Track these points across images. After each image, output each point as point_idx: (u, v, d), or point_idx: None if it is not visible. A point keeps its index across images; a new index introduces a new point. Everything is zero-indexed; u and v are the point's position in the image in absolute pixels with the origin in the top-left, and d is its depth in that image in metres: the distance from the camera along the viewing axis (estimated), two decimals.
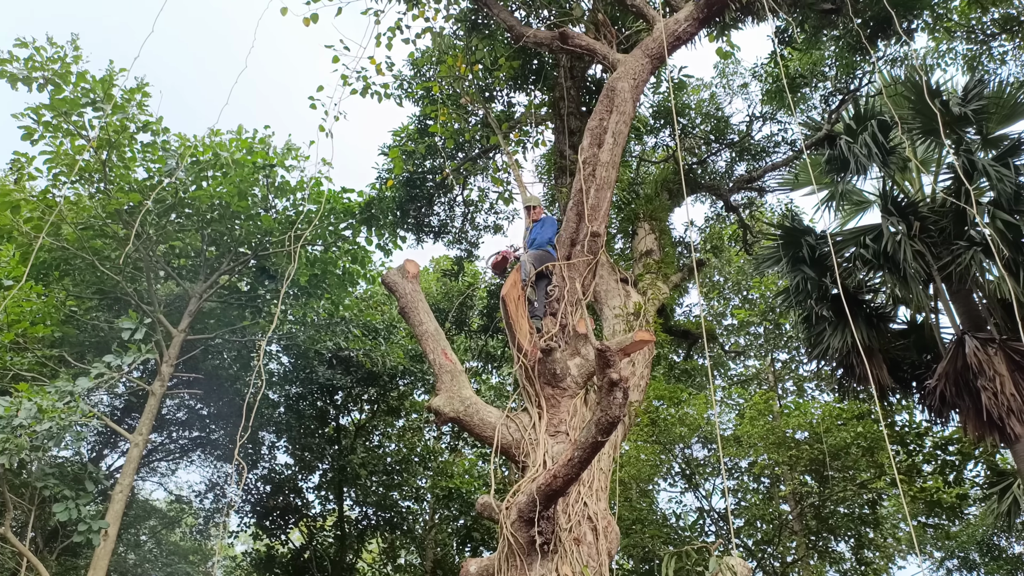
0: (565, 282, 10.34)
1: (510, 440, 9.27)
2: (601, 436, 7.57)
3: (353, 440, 23.31)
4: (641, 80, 11.16)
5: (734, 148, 17.27)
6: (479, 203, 17.87)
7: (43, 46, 15.19)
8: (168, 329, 16.10)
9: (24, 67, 15.14)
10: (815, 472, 19.14)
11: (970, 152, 14.60)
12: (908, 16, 14.73)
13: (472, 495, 19.89)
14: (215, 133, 16.83)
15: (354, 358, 20.70)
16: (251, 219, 17.01)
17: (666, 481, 21.73)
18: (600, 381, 7.44)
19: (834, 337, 15.73)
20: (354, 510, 24.03)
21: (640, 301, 11.41)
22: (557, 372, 9.50)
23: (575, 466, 7.88)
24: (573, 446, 7.85)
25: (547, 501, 8.21)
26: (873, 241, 15.14)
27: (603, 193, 10.60)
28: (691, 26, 11.45)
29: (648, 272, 12.11)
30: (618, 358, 8.17)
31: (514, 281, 9.74)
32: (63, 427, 11.70)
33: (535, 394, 9.60)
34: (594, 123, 10.94)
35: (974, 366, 14.36)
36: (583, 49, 11.83)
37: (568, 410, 9.56)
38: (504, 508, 8.47)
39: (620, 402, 7.41)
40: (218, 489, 23.76)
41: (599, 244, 10.57)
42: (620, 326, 11.30)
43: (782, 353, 23.24)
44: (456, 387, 9.57)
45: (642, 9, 11.75)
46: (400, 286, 10.29)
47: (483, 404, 9.52)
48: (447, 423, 9.58)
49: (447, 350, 9.90)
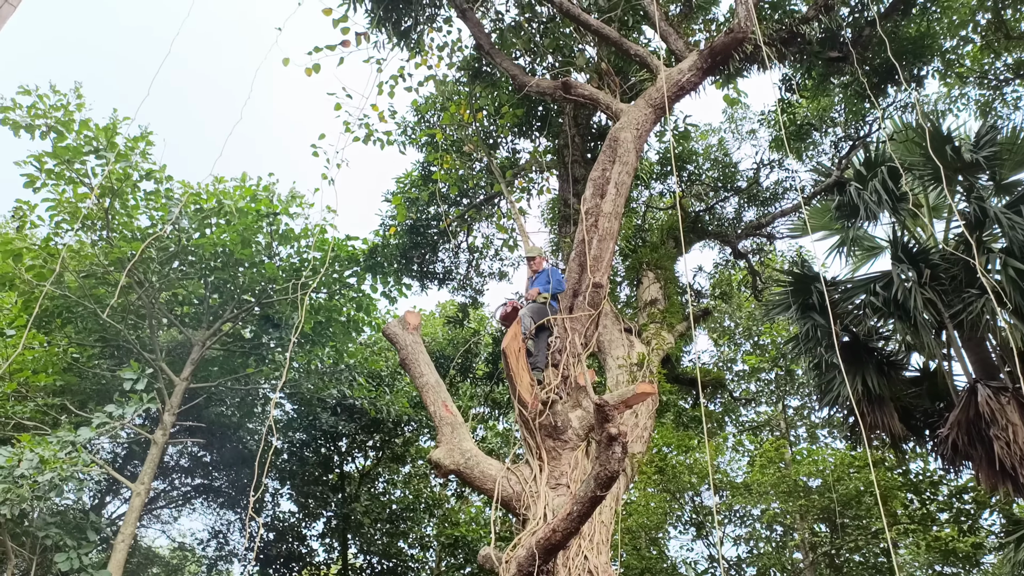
0: (567, 333, 10.46)
1: (511, 493, 9.35)
2: (600, 490, 7.67)
3: (357, 488, 23.33)
4: (644, 130, 11.34)
5: (742, 195, 17.43)
6: (483, 250, 18.07)
7: (46, 94, 15.56)
8: (171, 378, 16.26)
9: (27, 114, 15.49)
10: (828, 520, 19.05)
11: (981, 199, 14.68)
12: (918, 63, 14.92)
13: (478, 543, 19.84)
14: (219, 180, 17.13)
15: (358, 406, 20.81)
16: (255, 266, 17.23)
17: (675, 529, 21.64)
18: (599, 436, 7.57)
19: (844, 384, 15.73)
20: (358, 558, 23.96)
21: (644, 351, 11.52)
22: (558, 424, 9.60)
23: (575, 520, 7.97)
24: (572, 500, 7.95)
25: (546, 555, 8.30)
26: (883, 288, 15.17)
27: (606, 244, 10.74)
28: (695, 76, 11.65)
29: (652, 321, 12.21)
30: (616, 413, 8.29)
31: (514, 333, 9.87)
32: (65, 477, 11.82)
33: (536, 446, 9.69)
34: (596, 173, 11.12)
35: (986, 415, 14.29)
36: (586, 99, 12.05)
37: (569, 462, 9.64)
38: (504, 562, 8.55)
39: (619, 457, 7.52)
40: (221, 536, 23.78)
41: (601, 295, 10.69)
42: (623, 376, 11.40)
43: (794, 399, 23.23)
44: (457, 439, 9.67)
45: (645, 58, 11.97)
46: (401, 338, 10.44)
47: (483, 456, 9.61)
48: (448, 475, 9.67)
49: (447, 402, 10.02)
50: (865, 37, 13.63)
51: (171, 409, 15.78)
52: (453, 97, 14.69)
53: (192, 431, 18.00)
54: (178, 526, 24.41)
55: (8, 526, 13.29)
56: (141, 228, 16.32)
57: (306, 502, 23.39)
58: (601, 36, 12.24)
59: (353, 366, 19.99)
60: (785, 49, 12.51)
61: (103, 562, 13.73)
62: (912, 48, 14.67)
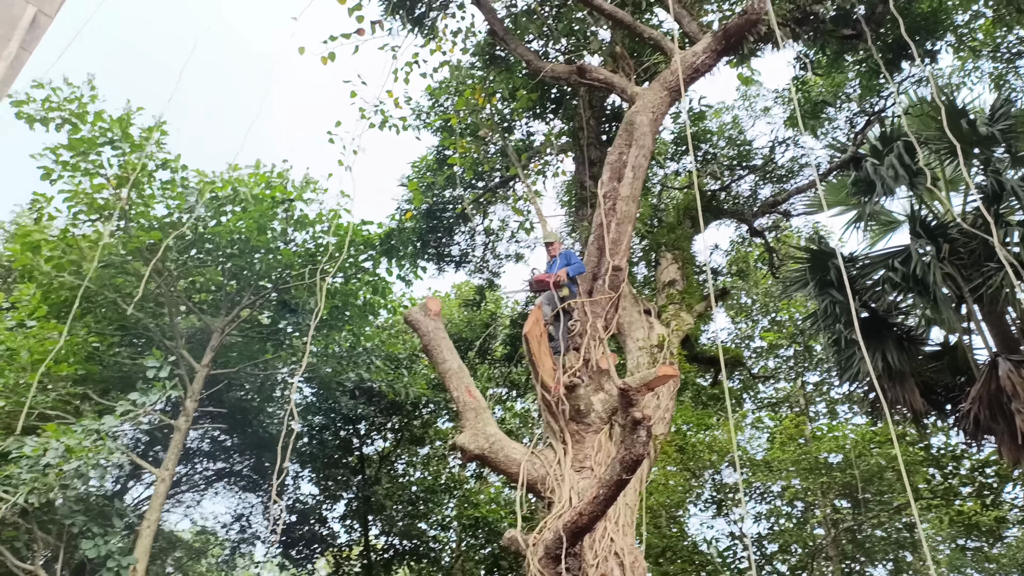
0: (587, 316, 10.69)
1: (535, 476, 9.64)
2: (626, 474, 7.94)
3: (377, 470, 23.73)
4: (660, 113, 11.51)
5: (758, 172, 17.56)
6: (499, 232, 18.29)
7: (59, 87, 15.82)
8: (191, 364, 16.61)
9: (41, 108, 15.75)
10: (849, 496, 19.31)
11: (998, 173, 14.80)
12: (931, 38, 15.00)
13: (499, 523, 20.22)
14: (233, 168, 17.38)
15: (377, 388, 21.15)
16: (271, 252, 17.52)
17: (696, 507, 21.96)
18: (624, 420, 7.82)
19: (864, 361, 15.92)
20: (380, 539, 24.41)
21: (664, 333, 11.76)
22: (581, 408, 9.87)
23: (601, 503, 8.25)
24: (598, 484, 8.22)
25: (573, 538, 8.58)
26: (902, 264, 15.31)
27: (624, 227, 10.94)
28: (709, 58, 11.79)
29: (672, 303, 12.43)
30: (641, 396, 8.53)
31: (536, 319, 10.11)
32: (91, 466, 12.19)
33: (560, 430, 9.97)
34: (613, 157, 11.31)
35: (1008, 389, 14.43)
36: (601, 83, 12.21)
37: (593, 445, 9.92)
38: (531, 545, 8.83)
39: (644, 440, 7.78)
40: (244, 519, 24.27)
41: (621, 278, 10.90)
42: (644, 359, 11.65)
43: (812, 375, 23.45)
44: (480, 424, 9.95)
45: (659, 42, 12.11)
46: (422, 324, 10.69)
47: (508, 440, 9.89)
48: (472, 460, 9.95)
49: (471, 387, 10.29)
50: (879, 14, 13.71)
51: (193, 395, 16.15)
52: (467, 82, 14.86)
53: (214, 417, 18.39)
54: (200, 510, 24.91)
55: (35, 514, 13.68)
56: (158, 217, 16.62)
57: (327, 484, 23.82)
58: (615, 20, 12.38)
59: (370, 349, 20.30)
60: (799, 29, 12.63)
61: (128, 548, 14.12)
62: (925, 24, 14.74)
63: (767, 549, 21.93)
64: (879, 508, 19.35)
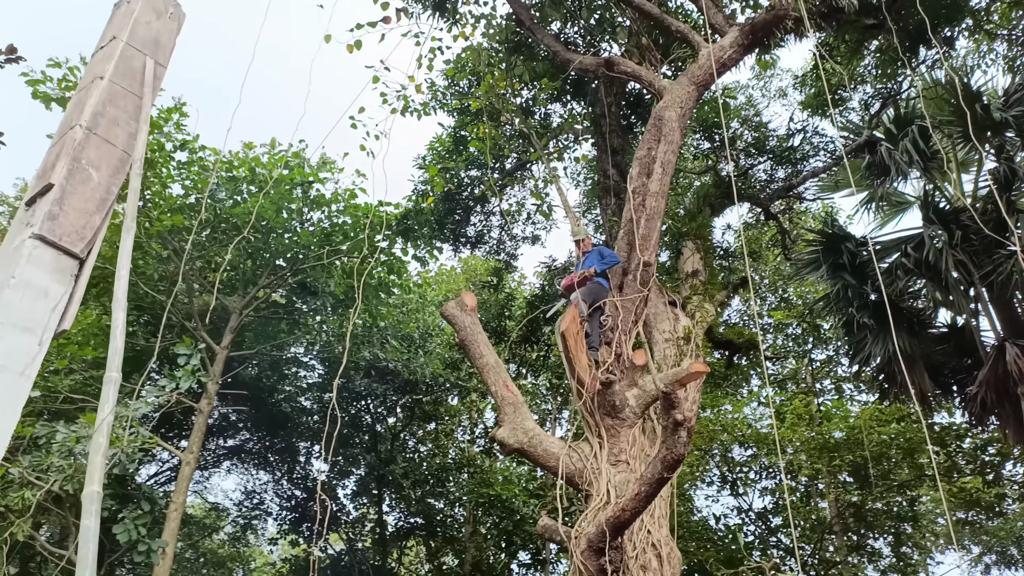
0: (619, 311, 11.17)
1: (573, 469, 10.18)
2: (667, 472, 8.48)
3: (391, 446, 24.30)
4: (688, 108, 11.89)
5: (774, 157, 17.95)
6: (516, 214, 18.65)
7: (76, 66, 15.97)
8: (212, 347, 17.02)
9: (58, 87, 15.93)
10: (856, 473, 20.00)
11: (1011, 160, 15.25)
12: (949, 24, 15.38)
13: (511, 500, 20.86)
14: (248, 147, 17.65)
15: (391, 367, 21.64)
16: (288, 232, 17.87)
17: (704, 482, 22.68)
18: (666, 421, 8.34)
19: (875, 345, 16.47)
20: (391, 515, 25.10)
21: (689, 325, 12.26)
22: (616, 403, 10.38)
23: (642, 500, 8.78)
24: (640, 481, 8.75)
25: (615, 532, 9.13)
26: (914, 250, 15.80)
27: (653, 223, 11.38)
28: (736, 52, 12.17)
29: (695, 293, 12.91)
30: (682, 400, 9.06)
31: (572, 317, 10.56)
32: (126, 454, 12.65)
33: (595, 424, 10.48)
34: (642, 152, 11.70)
35: (1014, 373, 14.97)
36: (629, 76, 12.56)
37: (627, 439, 10.45)
38: (574, 537, 9.38)
39: (685, 441, 8.31)
40: (255, 496, 24.85)
41: (651, 273, 11.36)
42: (670, 351, 12.17)
43: (820, 352, 24.08)
44: (519, 419, 10.47)
45: (687, 35, 12.44)
46: (459, 319, 11.16)
47: (545, 435, 10.42)
48: (511, 454, 10.49)
49: (508, 382, 10.79)
50: (900, 2, 14.09)
51: (214, 378, 16.59)
52: (488, 65, 15.13)
53: (234, 398, 18.83)
54: (209, 486, 25.45)
55: (70, 500, 14.14)
56: (173, 198, 16.89)
57: (338, 461, 24.40)
58: (642, 12, 12.72)
59: (385, 328, 20.75)
60: (824, 23, 13.00)
61: (158, 531, 14.61)
62: (945, 11, 15.12)
63: (772, 522, 22.74)
64: (884, 484, 20.08)
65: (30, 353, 4.28)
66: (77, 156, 4.77)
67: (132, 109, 5.18)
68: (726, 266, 18.11)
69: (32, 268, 4.36)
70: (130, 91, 5.20)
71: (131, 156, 5.04)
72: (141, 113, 5.00)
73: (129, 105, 5.16)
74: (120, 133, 5.06)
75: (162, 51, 5.58)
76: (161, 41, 5.62)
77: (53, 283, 4.44)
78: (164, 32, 5.68)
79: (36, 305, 4.35)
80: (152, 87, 5.23)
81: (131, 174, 4.80)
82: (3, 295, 4.23)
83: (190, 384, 13.48)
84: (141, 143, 4.97)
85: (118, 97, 5.12)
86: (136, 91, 5.18)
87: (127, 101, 5.17)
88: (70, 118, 4.99)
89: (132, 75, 5.25)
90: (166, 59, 5.63)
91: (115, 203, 4.79)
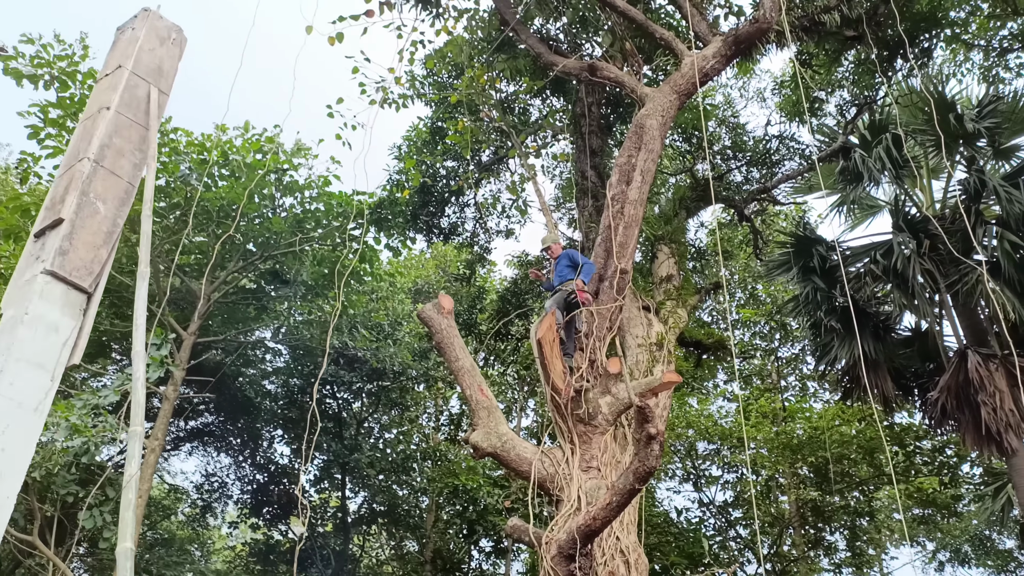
0: (594, 318, 11.47)
1: (545, 474, 10.49)
2: (638, 484, 8.82)
3: (356, 433, 24.51)
4: (669, 117, 12.15)
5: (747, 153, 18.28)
6: (492, 207, 18.83)
7: (50, 43, 15.88)
8: (178, 332, 17.10)
9: (30, 64, 15.82)
10: (817, 470, 20.61)
11: (981, 172, 15.71)
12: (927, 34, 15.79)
13: (477, 492, 21.19)
14: (221, 129, 17.64)
15: (360, 356, 21.81)
16: (259, 218, 17.93)
17: (666, 474, 23.22)
18: (638, 434, 8.67)
19: (841, 348, 16.97)
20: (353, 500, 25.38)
21: (662, 331, 12.60)
22: (589, 411, 10.70)
23: (613, 510, 9.12)
24: (611, 491, 9.08)
25: (586, 540, 9.47)
26: (883, 257, 16.26)
27: (631, 231, 11.66)
28: (719, 63, 12.44)
29: (669, 299, 13.23)
30: (656, 414, 9.40)
31: (549, 324, 10.84)
32: (95, 444, 12.79)
33: (568, 431, 10.78)
34: (622, 159, 11.96)
35: (975, 381, 15.49)
36: (612, 81, 12.80)
37: (599, 446, 10.78)
38: (544, 543, 9.70)
39: (657, 454, 8.66)
40: (215, 479, 24.98)
41: (627, 281, 11.67)
42: (643, 356, 12.50)
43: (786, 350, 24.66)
44: (493, 423, 10.73)
45: (671, 43, 12.67)
46: (436, 321, 11.37)
47: (519, 440, 10.70)
48: (484, 457, 10.77)
49: (483, 386, 11.05)
50: (880, 14, 14.45)
51: (180, 364, 16.67)
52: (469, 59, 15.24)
53: (201, 384, 18.91)
54: (169, 466, 25.50)
55: (35, 487, 14.23)
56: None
57: (300, 446, 24.58)
58: (627, 17, 12.93)
59: (354, 316, 20.90)
60: (805, 36, 13.33)
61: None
62: (924, 24, 15.51)
63: (732, 514, 23.34)
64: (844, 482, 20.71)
65: (43, 388, 4.46)
66: (85, 190, 4.90)
67: (137, 139, 5.31)
68: (699, 268, 18.50)
69: (44, 304, 4.50)
70: (135, 121, 5.32)
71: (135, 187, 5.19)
72: (149, 148, 5.16)
73: (134, 136, 5.29)
74: (125, 164, 5.19)
75: (165, 79, 5.70)
76: (164, 68, 5.73)
77: (64, 318, 4.59)
78: (167, 59, 5.79)
79: (48, 341, 4.51)
80: (156, 117, 5.37)
81: (142, 217, 4.94)
82: (17, 331, 4.39)
83: (158, 375, 13.60)
84: (149, 186, 5.11)
85: (124, 128, 5.25)
86: (141, 121, 5.31)
87: (132, 131, 5.30)
88: (77, 149, 5.10)
89: (137, 105, 5.37)
90: (168, 87, 5.75)
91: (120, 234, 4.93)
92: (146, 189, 5.14)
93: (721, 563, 19.88)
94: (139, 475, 3.67)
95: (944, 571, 27.32)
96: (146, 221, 4.98)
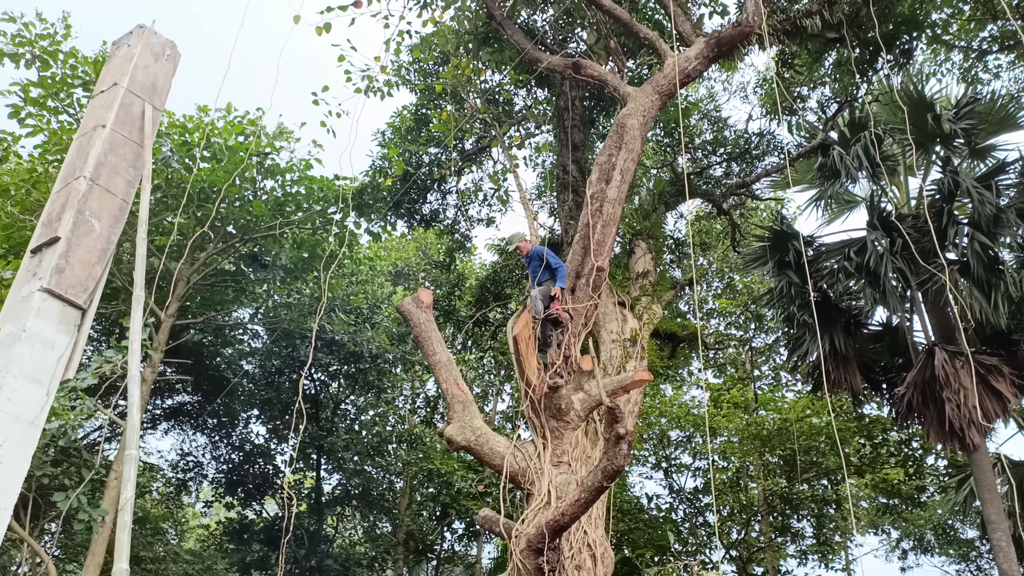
0: (569, 314, 11.75)
1: (517, 468, 10.82)
2: (607, 482, 9.16)
3: (331, 413, 24.81)
4: (650, 117, 12.40)
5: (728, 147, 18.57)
6: (473, 195, 19.04)
7: (32, 22, 15.88)
8: (157, 314, 17.25)
9: (11, 43, 15.83)
10: (785, 459, 21.12)
11: (956, 173, 16.06)
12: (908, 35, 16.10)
13: (450, 474, 21.57)
14: (203, 110, 17.73)
15: (338, 339, 22.05)
16: (239, 200, 18.06)
17: (637, 461, 23.67)
18: (608, 434, 9.00)
19: (813, 343, 17.34)
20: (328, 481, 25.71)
21: (636, 327, 12.92)
22: (562, 407, 11.02)
23: (581, 506, 9.47)
24: (580, 488, 9.42)
25: (554, 535, 9.81)
26: (856, 254, 16.61)
27: (609, 229, 11.91)
28: (701, 64, 12.68)
29: (644, 295, 13.54)
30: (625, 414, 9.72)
31: (526, 321, 11.13)
32: (73, 426, 12.98)
33: (541, 426, 11.12)
34: (603, 158, 12.20)
35: (941, 378, 15.89)
36: (595, 79, 13.01)
37: (571, 441, 11.12)
38: (514, 536, 10.05)
39: (625, 453, 9.00)
40: (190, 457, 25.21)
41: (603, 278, 11.95)
42: (617, 351, 12.82)
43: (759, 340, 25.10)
44: (468, 417, 11.05)
45: (654, 43, 12.88)
46: (414, 315, 11.64)
47: (492, 434, 11.03)
48: (459, 450, 11.09)
49: (459, 380, 11.35)
50: (861, 17, 14.73)
51: (159, 347, 16.85)
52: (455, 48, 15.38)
53: (179, 365, 19.08)
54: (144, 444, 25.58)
55: None
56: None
57: (276, 426, 24.87)
58: (613, 16, 13.14)
59: (333, 299, 21.11)
60: (787, 39, 13.60)
61: (96, 501, 14.93)
62: (905, 26, 15.82)
63: (702, 501, 23.87)
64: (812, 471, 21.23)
65: (39, 403, 4.72)
66: (81, 208, 5.10)
67: (131, 157, 5.50)
68: (676, 260, 18.82)
69: (41, 321, 4.73)
70: (130, 139, 5.50)
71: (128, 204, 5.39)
72: (144, 167, 5.36)
73: (128, 153, 5.47)
74: (120, 182, 5.38)
75: (159, 95, 5.88)
76: (158, 85, 5.91)
77: (59, 334, 4.82)
78: (161, 75, 5.96)
79: (44, 357, 4.75)
80: (151, 135, 5.56)
81: (137, 240, 5.14)
82: (15, 348, 4.63)
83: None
84: (144, 207, 5.31)
85: (118, 145, 5.43)
86: (136, 139, 5.50)
87: (127, 149, 5.48)
88: (73, 167, 5.29)
89: (131, 122, 5.56)
90: (162, 103, 5.94)
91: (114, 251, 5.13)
92: (141, 211, 5.33)
93: (688, 552, 20.39)
94: (133, 502, 3.96)
95: (907, 559, 28.07)
96: (141, 244, 5.17)
